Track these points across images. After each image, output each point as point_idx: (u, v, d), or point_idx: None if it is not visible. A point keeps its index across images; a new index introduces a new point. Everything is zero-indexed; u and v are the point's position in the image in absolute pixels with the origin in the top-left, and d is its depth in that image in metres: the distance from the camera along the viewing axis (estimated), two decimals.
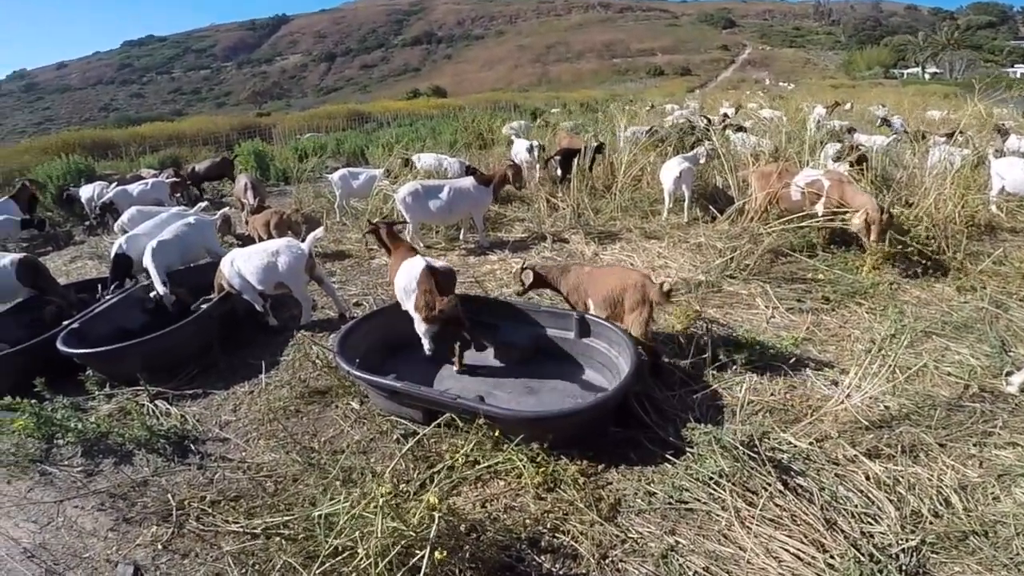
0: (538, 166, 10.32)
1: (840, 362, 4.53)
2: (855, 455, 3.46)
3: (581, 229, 8.00)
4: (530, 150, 10.54)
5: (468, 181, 7.83)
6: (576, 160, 9.29)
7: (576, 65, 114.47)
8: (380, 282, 6.98)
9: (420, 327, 4.71)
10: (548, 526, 3.17)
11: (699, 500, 3.21)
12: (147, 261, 6.16)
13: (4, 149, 27.12)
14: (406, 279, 4.71)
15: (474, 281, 6.54)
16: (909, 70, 72.63)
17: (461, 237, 8.26)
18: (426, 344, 4.78)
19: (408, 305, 4.73)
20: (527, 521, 3.20)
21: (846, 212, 6.15)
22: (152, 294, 6.00)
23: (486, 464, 3.52)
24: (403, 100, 48.23)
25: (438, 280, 4.62)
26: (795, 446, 3.56)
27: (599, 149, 9.65)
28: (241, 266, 5.64)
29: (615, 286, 4.52)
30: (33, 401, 4.32)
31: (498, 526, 3.16)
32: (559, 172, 9.54)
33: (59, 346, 5.01)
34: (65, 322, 5.50)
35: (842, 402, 3.86)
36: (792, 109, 16.89)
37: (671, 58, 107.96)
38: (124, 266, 6.60)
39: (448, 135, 16.36)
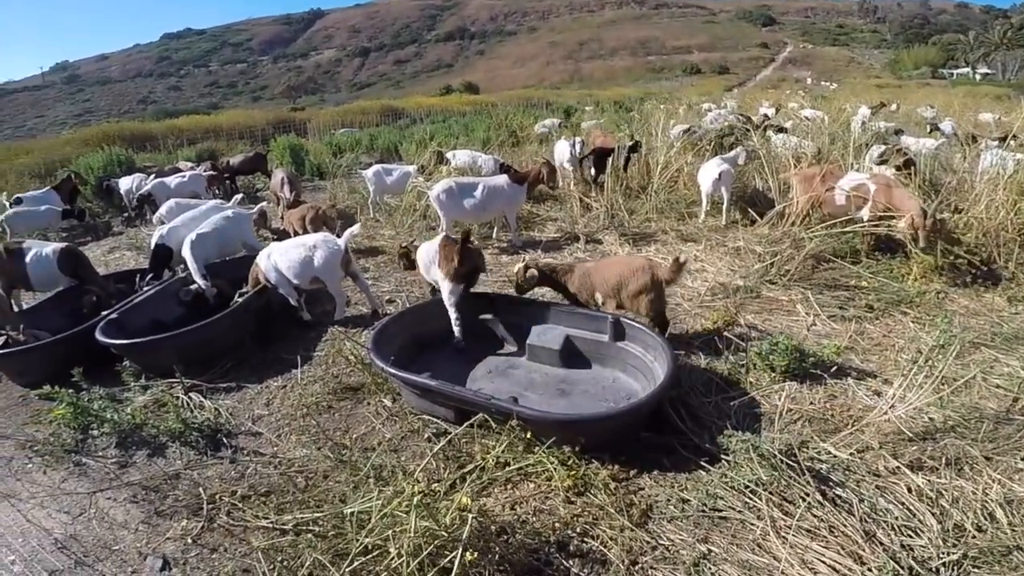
0: (579, 165, 10.22)
1: (883, 372, 4.44)
2: (897, 467, 3.38)
3: (615, 230, 7.96)
4: (572, 145, 10.18)
5: (502, 179, 7.84)
6: (610, 160, 9.25)
7: (609, 62, 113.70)
8: (413, 279, 7.02)
9: (447, 291, 4.97)
10: (577, 530, 3.16)
11: (734, 508, 3.17)
12: (185, 253, 6.30)
13: (47, 140, 28.05)
14: (427, 253, 5.20)
15: (506, 280, 6.54)
16: (959, 70, 70.55)
17: (494, 236, 8.29)
18: (453, 315, 4.98)
19: (435, 274, 5.06)
20: (556, 524, 3.19)
21: (892, 218, 6.01)
22: (193, 287, 6.13)
23: (516, 466, 3.52)
24: (436, 96, 48.50)
25: (456, 247, 4.98)
26: (835, 456, 3.49)
27: (634, 148, 9.58)
28: (278, 260, 5.73)
29: (620, 273, 4.65)
30: (70, 391, 4.42)
31: (527, 529, 3.16)
32: (592, 172, 9.51)
33: (98, 336, 5.12)
34: (104, 312, 5.65)
35: (885, 413, 3.78)
36: (835, 109, 16.56)
37: (708, 56, 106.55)
38: (163, 258, 6.76)
39: (481, 132, 16.42)
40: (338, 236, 5.88)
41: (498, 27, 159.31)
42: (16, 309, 6.43)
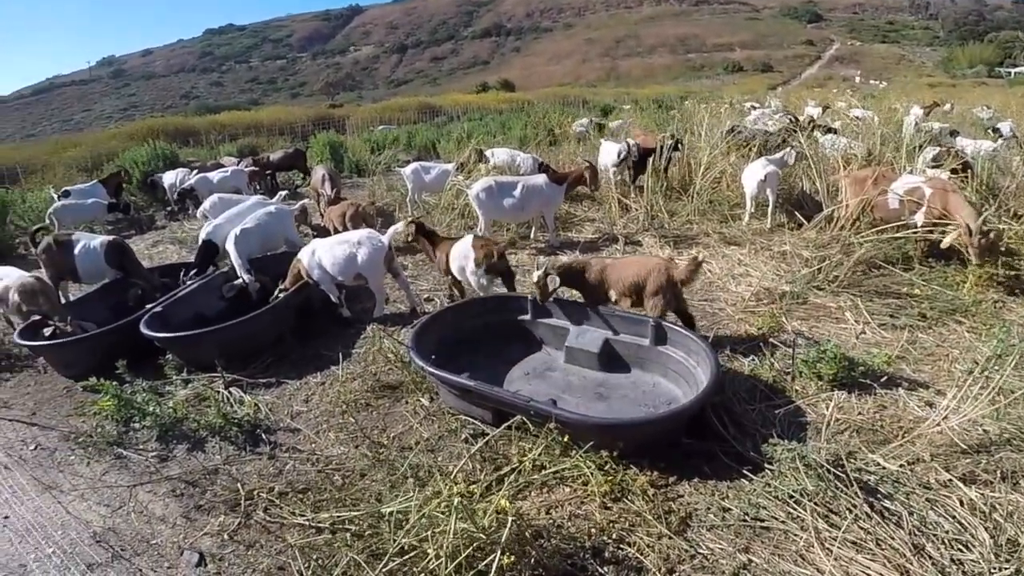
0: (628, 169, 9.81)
1: (936, 383, 4.33)
2: (949, 479, 3.30)
3: (655, 232, 7.89)
4: (625, 150, 9.52)
5: (541, 178, 7.85)
6: (651, 159, 9.17)
7: (647, 60, 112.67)
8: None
9: (474, 275, 5.52)
10: (613, 536, 3.14)
11: (776, 518, 3.13)
12: (229, 248, 6.43)
13: (94, 134, 28.96)
14: (461, 251, 5.63)
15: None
16: (1017, 68, 67.92)
17: (531, 236, 8.29)
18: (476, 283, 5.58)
19: (468, 267, 5.55)
20: (592, 530, 3.18)
21: (948, 224, 5.84)
22: (236, 282, 6.26)
23: (552, 469, 3.52)
24: (472, 93, 48.76)
25: (491, 242, 5.60)
26: (884, 468, 3.42)
27: (676, 147, 9.47)
28: (322, 256, 5.82)
29: (636, 273, 4.71)
30: (114, 383, 4.53)
31: (562, 534, 3.15)
32: (632, 172, 9.43)
33: (142, 328, 5.25)
34: (148, 305, 5.81)
35: (938, 424, 3.69)
36: (885, 109, 16.13)
37: (751, 53, 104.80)
38: (210, 254, 6.94)
39: (518, 130, 16.43)
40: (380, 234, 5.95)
41: (534, 23, 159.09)
42: (63, 301, 6.60)
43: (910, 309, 5.42)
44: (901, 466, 3.42)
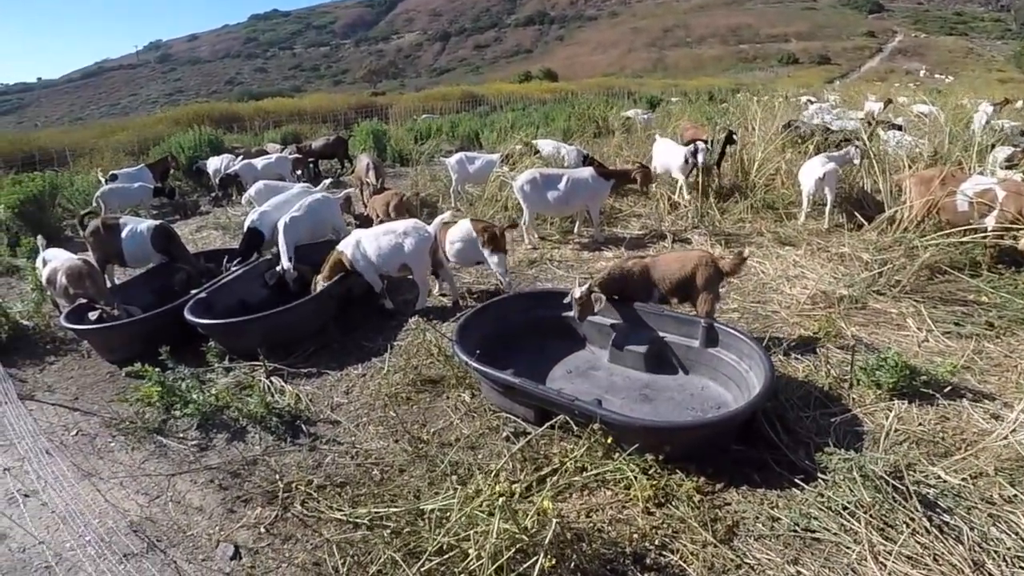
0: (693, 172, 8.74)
1: (1004, 395, 4.20)
2: (1014, 495, 3.21)
3: (705, 230, 7.79)
4: (693, 154, 8.38)
5: (587, 172, 7.81)
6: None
7: (696, 51, 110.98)
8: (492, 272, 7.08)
9: (497, 261, 6.08)
10: (656, 543, 3.12)
11: (828, 530, 3.08)
12: (279, 235, 6.52)
13: (141, 119, 29.84)
14: (460, 234, 6.12)
15: (588, 278, 6.50)
16: None
17: (575, 231, 8.26)
18: (501, 273, 6.17)
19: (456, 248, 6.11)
20: (634, 535, 3.16)
21: (1022, 229, 5.63)
22: (277, 268, 6.37)
23: (595, 471, 3.51)
24: (515, 83, 48.76)
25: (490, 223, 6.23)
26: (944, 481, 3.34)
27: (729, 139, 9.29)
28: (367, 246, 5.88)
29: (682, 268, 4.72)
30: (158, 369, 4.60)
31: (603, 538, 3.13)
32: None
33: (186, 315, 5.34)
34: (193, 291, 5.92)
35: (1004, 437, 3.60)
36: (952, 105, 15.60)
37: (807, 45, 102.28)
38: (256, 240, 7.03)
39: (561, 121, 16.37)
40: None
41: (578, 12, 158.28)
42: (109, 285, 6.79)
43: (977, 317, 5.26)
44: (963, 480, 3.34)
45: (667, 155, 9.07)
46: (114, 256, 6.91)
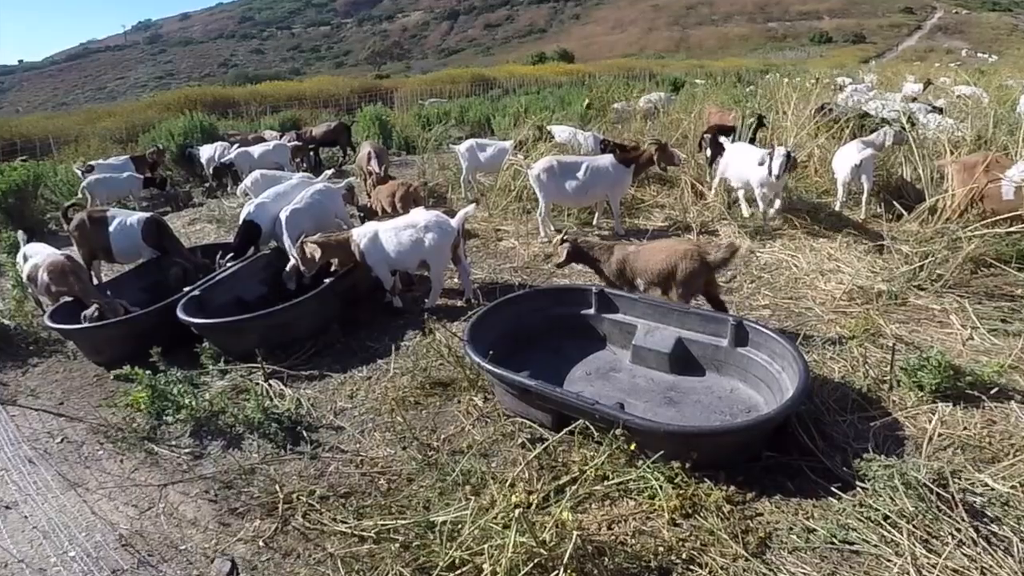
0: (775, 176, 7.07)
1: None
2: None
3: (733, 221, 7.76)
4: (783, 157, 6.87)
5: (607, 159, 7.78)
6: (731, 139, 8.99)
7: (722, 29, 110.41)
8: (507, 266, 7.12)
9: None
10: (683, 556, 3.10)
11: (868, 542, 3.06)
12: (282, 229, 6.52)
13: (129, 104, 30.07)
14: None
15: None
16: None
17: (594, 222, 8.26)
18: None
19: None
20: (659, 548, 3.14)
21: None
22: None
23: (617, 480, 3.50)
24: (528, 65, 48.74)
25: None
26: (992, 489, 3.33)
27: (760, 123, 9.25)
28: (385, 240, 5.83)
29: (666, 259, 4.83)
30: (148, 372, 4.56)
31: (626, 552, 3.11)
32: (708, 153, 9.28)
33: (179, 313, 5.30)
34: (186, 288, 5.85)
35: None
36: (996, 86, 15.45)
37: (840, 22, 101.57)
38: (252, 235, 6.93)
39: (578, 106, 16.33)
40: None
41: None
42: (96, 282, 6.78)
43: None
44: (1012, 488, 3.32)
45: (742, 163, 7.66)
46: (101, 251, 6.87)
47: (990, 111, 9.39)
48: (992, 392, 4.14)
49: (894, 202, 7.52)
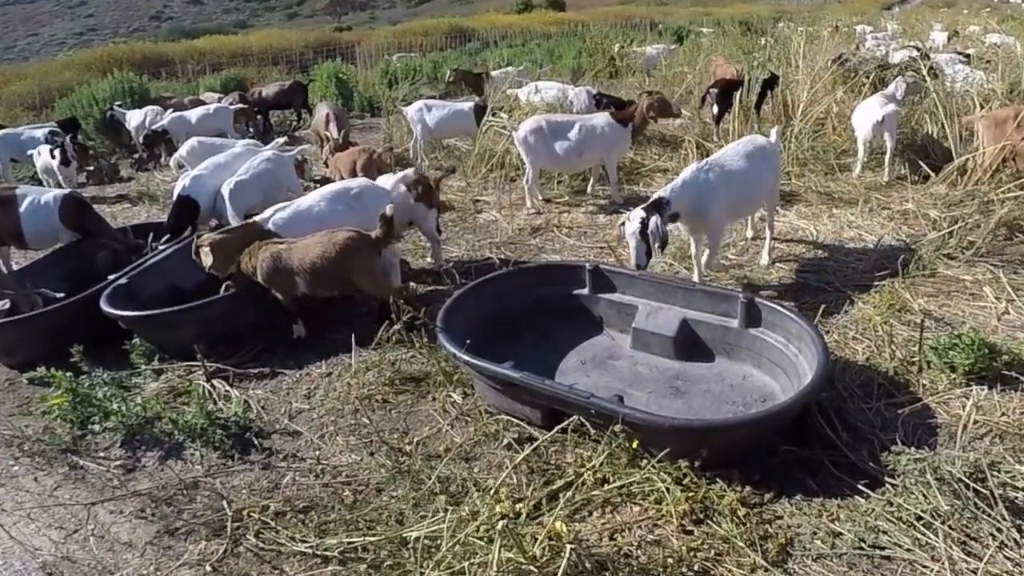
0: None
1: None
2: None
3: None
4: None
5: (602, 118, 7.74)
6: (738, 95, 9.00)
7: None
8: (487, 241, 7.10)
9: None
10: (695, 568, 3.10)
11: (900, 546, 3.08)
12: (225, 205, 6.44)
13: (43, 64, 29.50)
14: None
15: (605, 246, 6.52)
16: None
17: (589, 190, 8.25)
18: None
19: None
20: (668, 560, 3.12)
21: None
22: None
23: (618, 483, 3.48)
24: (513, 14, 48.35)
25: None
26: None
27: (771, 83, 9.28)
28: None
29: (322, 253, 4.95)
30: (68, 374, 4.48)
31: (631, 565, 3.10)
32: (715, 110, 9.27)
33: (103, 306, 5.15)
34: (111, 276, 5.66)
35: None
36: None
37: None
38: (189, 211, 6.78)
39: (570, 59, 16.25)
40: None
41: None
42: (5, 271, 6.62)
43: None
44: None
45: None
46: (10, 236, 6.63)
47: (1023, 61, 9.44)
48: None
49: (920, 162, 7.57)
